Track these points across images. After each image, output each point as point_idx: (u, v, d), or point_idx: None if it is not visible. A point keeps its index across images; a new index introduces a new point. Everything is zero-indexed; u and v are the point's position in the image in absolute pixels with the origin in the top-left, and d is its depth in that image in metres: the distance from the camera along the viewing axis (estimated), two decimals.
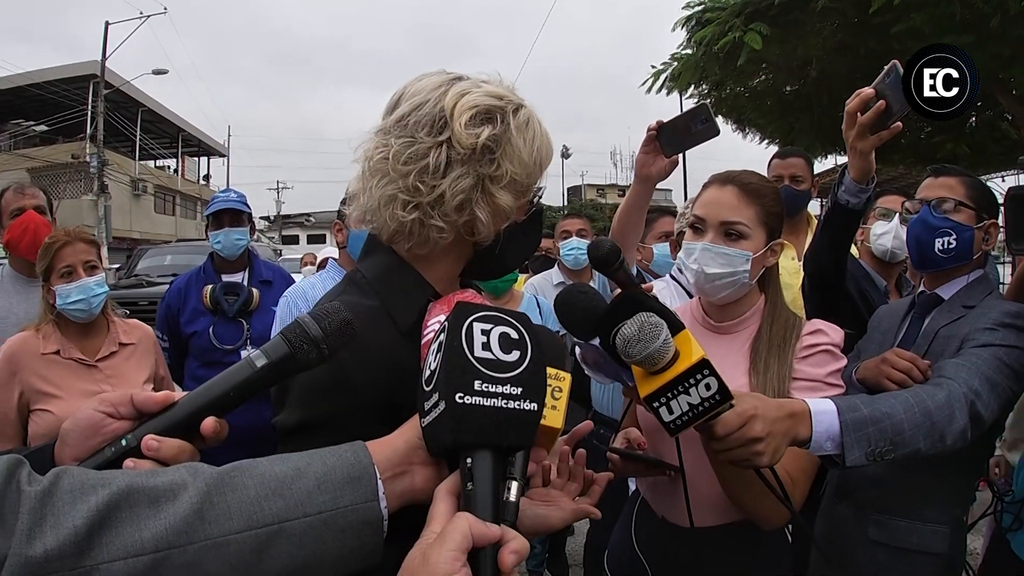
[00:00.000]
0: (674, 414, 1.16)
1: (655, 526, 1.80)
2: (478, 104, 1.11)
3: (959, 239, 1.99)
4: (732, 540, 1.66)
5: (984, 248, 2.04)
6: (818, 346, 1.66)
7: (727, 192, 1.70)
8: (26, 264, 3.10)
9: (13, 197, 3.15)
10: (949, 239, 1.99)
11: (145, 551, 0.71)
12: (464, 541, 0.70)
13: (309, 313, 0.95)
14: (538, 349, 0.85)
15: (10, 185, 3.30)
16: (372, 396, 1.05)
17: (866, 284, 2.72)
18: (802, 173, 3.21)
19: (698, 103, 2.04)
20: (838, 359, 1.67)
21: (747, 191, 1.69)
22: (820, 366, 1.64)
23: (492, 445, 0.80)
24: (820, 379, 1.63)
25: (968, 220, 2.00)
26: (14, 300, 3.09)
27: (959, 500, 2.02)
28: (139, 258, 14.88)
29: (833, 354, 1.66)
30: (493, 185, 1.12)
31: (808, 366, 1.65)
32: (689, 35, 7.96)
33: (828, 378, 1.63)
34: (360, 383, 1.05)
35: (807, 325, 1.71)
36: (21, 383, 2.48)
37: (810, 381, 1.63)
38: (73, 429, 0.91)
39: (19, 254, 3.11)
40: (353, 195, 1.22)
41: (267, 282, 3.53)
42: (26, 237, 3.04)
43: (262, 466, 0.81)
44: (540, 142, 1.18)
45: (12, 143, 30.39)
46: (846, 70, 7.61)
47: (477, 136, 1.09)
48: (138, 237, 29.55)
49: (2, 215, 3.13)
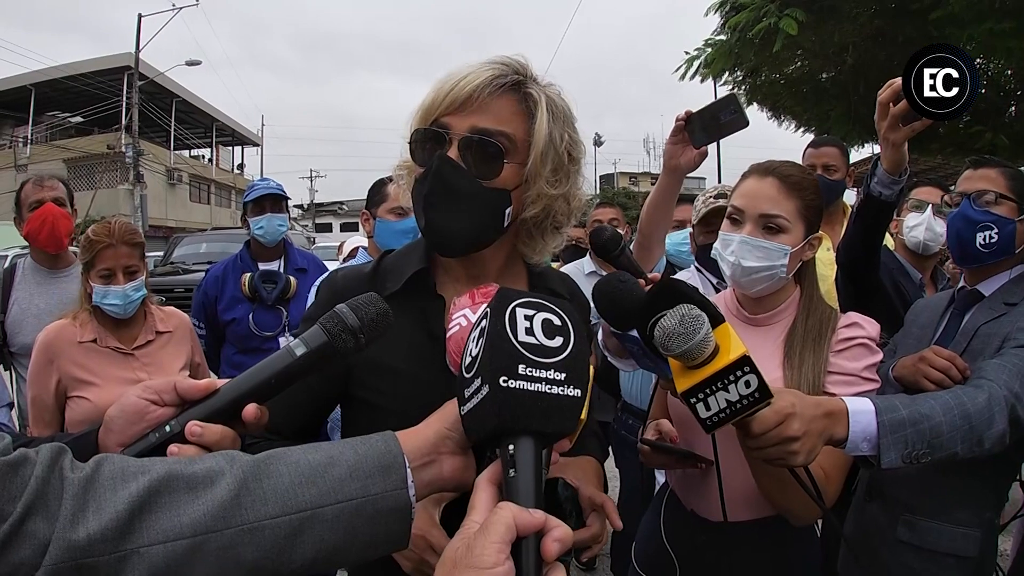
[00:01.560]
0: (711, 411, 1.13)
1: (684, 519, 1.79)
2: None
3: (1001, 233, 1.93)
4: (761, 535, 1.65)
5: None
6: (854, 339, 1.63)
7: (767, 184, 1.67)
8: (46, 256, 3.17)
9: (32, 189, 3.18)
10: (991, 233, 1.94)
11: (183, 535, 0.73)
12: (508, 532, 0.70)
13: (347, 303, 0.98)
14: (581, 336, 0.85)
15: (30, 177, 3.34)
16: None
17: (900, 276, 2.67)
18: (836, 162, 3.15)
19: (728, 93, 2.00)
20: (874, 353, 1.63)
21: (788, 183, 1.66)
22: (856, 360, 1.61)
23: (535, 431, 0.79)
24: (856, 373, 1.60)
25: (1009, 213, 1.95)
26: (35, 291, 3.14)
27: (991, 502, 1.96)
28: (175, 246, 15.25)
29: (869, 348, 1.63)
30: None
31: (844, 360, 1.61)
32: (723, 20, 7.86)
33: (864, 372, 1.60)
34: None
35: (843, 318, 1.68)
36: (58, 370, 2.52)
37: (845, 375, 1.59)
38: (118, 415, 0.94)
39: (39, 246, 3.15)
40: None
41: (302, 270, 3.57)
42: (44, 229, 3.08)
43: (296, 454, 0.83)
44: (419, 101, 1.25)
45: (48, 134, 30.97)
46: (883, 57, 7.46)
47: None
48: (173, 225, 30.05)
49: (22, 207, 3.17)
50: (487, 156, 1.21)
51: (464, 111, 1.20)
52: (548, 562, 0.71)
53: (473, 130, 1.20)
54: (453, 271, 1.34)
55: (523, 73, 1.24)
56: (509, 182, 1.23)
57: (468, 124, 1.20)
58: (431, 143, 1.22)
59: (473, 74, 1.19)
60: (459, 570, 0.68)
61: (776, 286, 1.69)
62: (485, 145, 1.20)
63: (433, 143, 1.22)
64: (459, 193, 1.21)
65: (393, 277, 1.31)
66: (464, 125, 1.20)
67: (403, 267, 1.32)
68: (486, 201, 1.23)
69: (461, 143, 1.20)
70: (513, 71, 1.23)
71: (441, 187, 1.20)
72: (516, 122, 1.23)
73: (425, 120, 1.23)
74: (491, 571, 0.67)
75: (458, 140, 1.20)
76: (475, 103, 1.20)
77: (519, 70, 1.24)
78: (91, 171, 29.50)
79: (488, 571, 0.67)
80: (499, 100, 1.22)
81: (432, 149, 1.22)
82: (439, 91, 1.20)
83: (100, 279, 2.54)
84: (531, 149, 1.23)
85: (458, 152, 1.20)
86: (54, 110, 31.54)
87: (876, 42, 7.38)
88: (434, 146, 1.22)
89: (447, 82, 1.20)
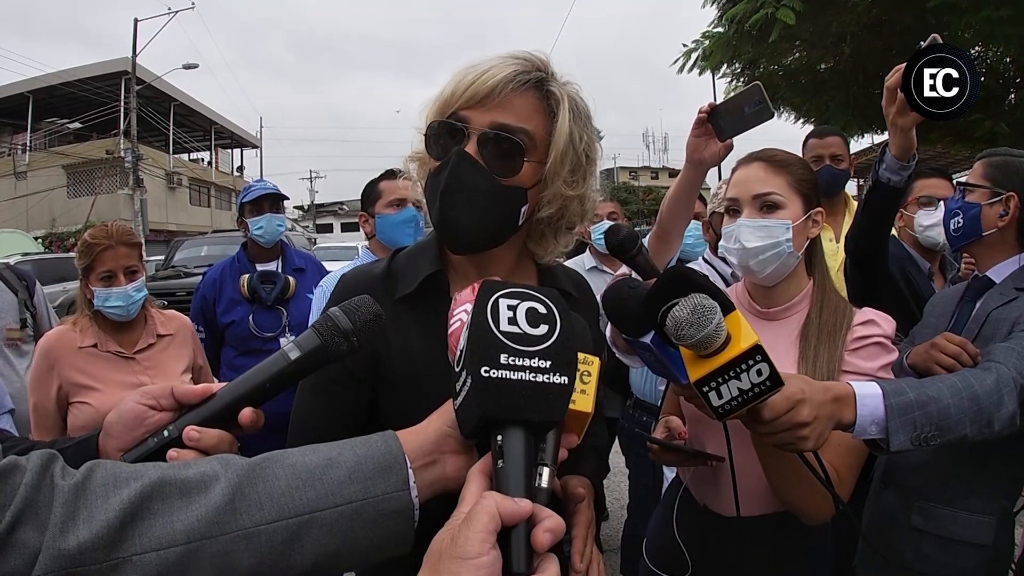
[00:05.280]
0: (723, 399, 1.13)
1: (697, 515, 1.78)
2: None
3: (965, 217, 2.04)
4: (775, 530, 1.63)
5: (999, 224, 2.01)
6: (870, 338, 1.61)
7: (753, 168, 1.70)
8: None
9: None
10: (958, 219, 2.07)
11: (177, 542, 0.72)
12: (491, 521, 0.68)
13: (340, 306, 0.99)
14: (568, 323, 0.84)
15: None
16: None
17: (909, 266, 2.68)
18: (841, 152, 3.15)
19: (750, 84, 1.97)
20: (890, 352, 1.61)
21: (773, 163, 1.69)
22: (871, 359, 1.59)
23: (523, 421, 0.78)
24: (871, 373, 1.57)
25: (979, 198, 2.02)
26: None
27: (1005, 490, 1.96)
28: (176, 249, 15.26)
29: (885, 347, 1.61)
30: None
31: (859, 359, 1.60)
32: (720, 12, 7.84)
33: (879, 372, 1.58)
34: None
35: (859, 315, 1.66)
36: (59, 376, 2.51)
37: (860, 375, 1.56)
38: (117, 421, 0.94)
39: None
40: None
41: (300, 270, 3.58)
42: None
43: (293, 457, 0.82)
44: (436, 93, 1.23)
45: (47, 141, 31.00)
46: (881, 46, 7.46)
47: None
48: (174, 229, 30.06)
49: None
50: (506, 153, 1.18)
51: (485, 105, 1.17)
52: (540, 552, 0.70)
53: (493, 125, 1.17)
54: (464, 271, 1.31)
55: (545, 70, 1.22)
56: (526, 180, 1.21)
57: (488, 119, 1.17)
58: (448, 137, 1.20)
59: (496, 68, 1.17)
60: (444, 561, 0.67)
61: (787, 266, 1.68)
62: (505, 142, 1.17)
63: (450, 137, 1.19)
64: (476, 190, 1.18)
65: (406, 279, 1.28)
66: (484, 120, 1.17)
67: (416, 269, 1.29)
68: (503, 199, 1.20)
69: (480, 138, 1.17)
70: (535, 68, 1.20)
71: (458, 183, 1.17)
72: (536, 120, 1.20)
73: (443, 112, 1.20)
74: (475, 561, 0.65)
75: (478, 135, 1.17)
76: (496, 98, 1.17)
77: (541, 67, 1.21)
78: (90, 177, 29.54)
79: (472, 561, 0.65)
80: (521, 96, 1.19)
81: (449, 143, 1.19)
82: (459, 84, 1.17)
83: (101, 282, 2.54)
84: (551, 148, 1.20)
85: (476, 147, 1.17)
86: (52, 117, 31.57)
87: (874, 31, 7.38)
88: (450, 140, 1.19)
89: (468, 75, 1.17)
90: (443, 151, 1.20)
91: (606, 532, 4.64)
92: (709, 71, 8.60)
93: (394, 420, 1.23)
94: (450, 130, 1.19)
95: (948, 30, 6.54)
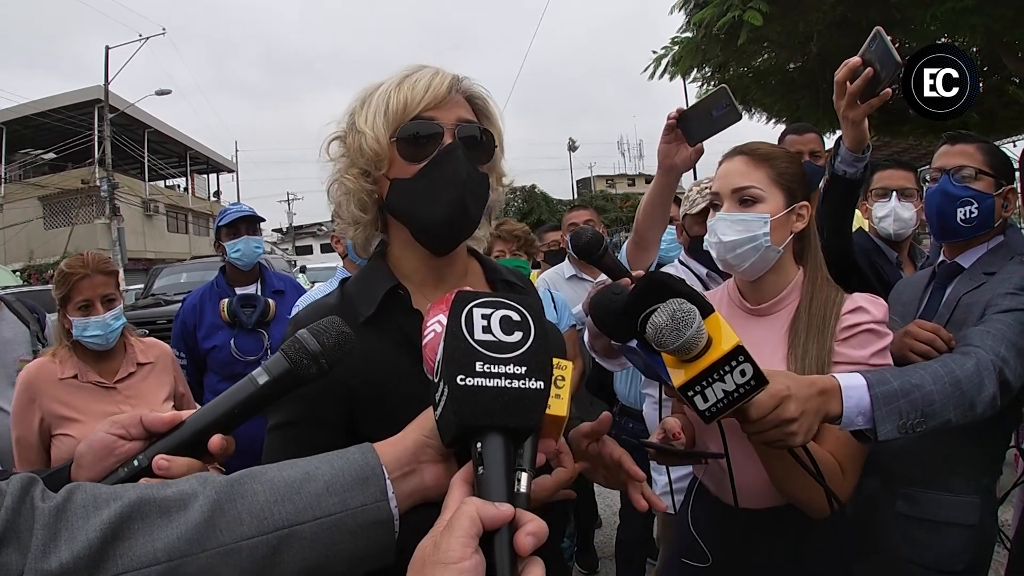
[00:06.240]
0: (709, 402, 1.14)
1: (711, 507, 1.77)
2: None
3: (981, 207, 1.98)
4: (790, 520, 1.60)
5: (1004, 215, 2.02)
6: (859, 325, 1.59)
7: (735, 162, 1.71)
8: None
9: None
10: (971, 208, 1.99)
11: (158, 561, 0.72)
12: (472, 526, 0.69)
13: (308, 328, 0.98)
14: (542, 329, 0.85)
15: None
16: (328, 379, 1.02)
17: (877, 256, 2.70)
18: (819, 148, 3.21)
19: (716, 88, 2.00)
20: (882, 337, 1.60)
21: (755, 156, 1.69)
22: (863, 347, 1.58)
23: (500, 427, 0.79)
24: (864, 361, 1.56)
25: (988, 188, 1.99)
26: None
27: (986, 469, 1.99)
28: (155, 277, 15.08)
29: (876, 332, 1.59)
30: (346, 173, 1.25)
31: (850, 348, 1.58)
32: (688, 17, 7.89)
33: (873, 359, 1.57)
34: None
35: (848, 302, 1.64)
36: (41, 409, 2.49)
37: (853, 364, 1.56)
38: (87, 451, 0.93)
39: None
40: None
41: (279, 292, 3.58)
42: None
43: (271, 472, 0.82)
44: (377, 105, 1.21)
45: (22, 172, 30.65)
46: (848, 44, 7.49)
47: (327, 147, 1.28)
48: (153, 257, 29.76)
49: None
50: (479, 144, 1.24)
51: (447, 105, 1.21)
52: (523, 556, 0.70)
53: (462, 120, 1.22)
54: (422, 279, 1.30)
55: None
56: (489, 169, 1.28)
57: (454, 116, 1.21)
58: (424, 137, 1.20)
59: (437, 72, 1.22)
60: (428, 567, 0.67)
61: (767, 260, 1.67)
62: (480, 132, 1.24)
63: (427, 137, 1.20)
64: (475, 179, 1.22)
65: (364, 301, 1.25)
66: (451, 117, 1.21)
67: (372, 289, 1.26)
68: (485, 189, 1.26)
69: (458, 132, 1.21)
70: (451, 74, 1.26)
71: (466, 173, 1.20)
72: (478, 115, 1.28)
73: (400, 121, 1.20)
74: (457, 566, 0.66)
75: (455, 130, 1.21)
76: (452, 98, 1.22)
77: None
78: (67, 207, 29.22)
79: (455, 566, 0.66)
80: (463, 96, 1.26)
81: (426, 143, 1.20)
82: (413, 90, 1.19)
83: (79, 311, 2.53)
84: (495, 137, 1.28)
85: (454, 141, 1.21)
86: (26, 147, 31.21)
87: (840, 29, 7.44)
88: (428, 140, 1.20)
89: (417, 82, 1.20)
90: (422, 151, 1.20)
91: (600, 539, 4.63)
92: (680, 76, 8.64)
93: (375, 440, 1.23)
94: (426, 130, 1.20)
95: (914, 23, 6.62)
